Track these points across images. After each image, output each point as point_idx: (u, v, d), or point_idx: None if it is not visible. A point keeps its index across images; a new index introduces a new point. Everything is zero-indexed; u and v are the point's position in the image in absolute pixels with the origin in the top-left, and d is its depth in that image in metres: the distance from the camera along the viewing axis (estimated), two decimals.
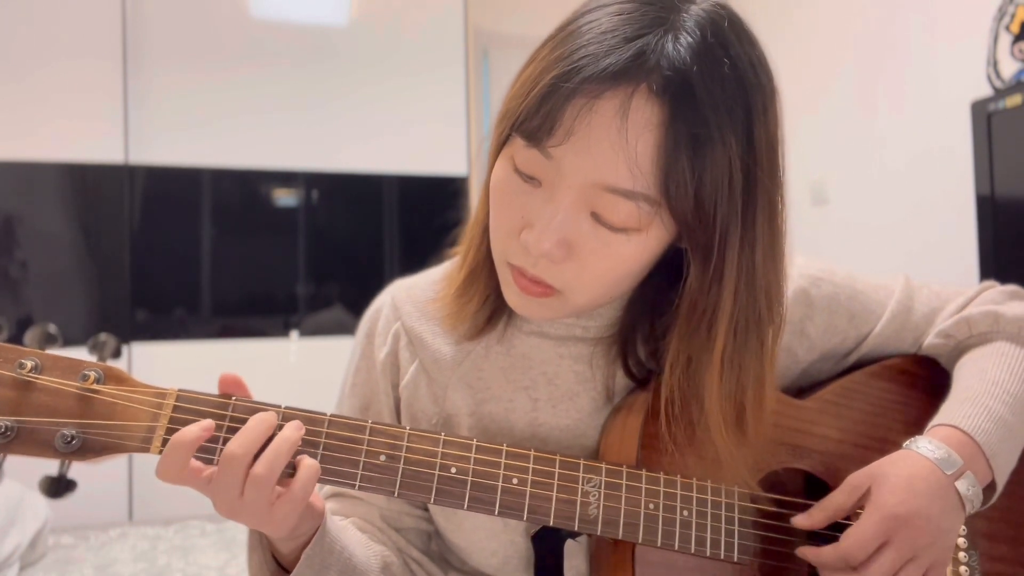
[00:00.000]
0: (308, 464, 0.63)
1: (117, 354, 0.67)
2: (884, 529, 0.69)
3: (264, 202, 3.13)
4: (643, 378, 0.80)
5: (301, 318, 3.13)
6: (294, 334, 3.11)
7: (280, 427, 0.64)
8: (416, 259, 3.17)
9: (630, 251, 0.67)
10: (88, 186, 2.92)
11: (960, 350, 0.88)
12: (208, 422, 0.63)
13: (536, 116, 0.63)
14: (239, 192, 3.09)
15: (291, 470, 0.64)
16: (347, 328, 3.10)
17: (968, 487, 0.72)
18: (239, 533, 2.59)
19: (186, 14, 3.02)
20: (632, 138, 0.61)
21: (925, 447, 0.73)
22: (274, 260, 3.14)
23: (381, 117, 3.20)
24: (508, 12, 3.86)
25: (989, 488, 0.76)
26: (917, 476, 0.71)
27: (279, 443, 0.62)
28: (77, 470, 0.65)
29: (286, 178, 3.13)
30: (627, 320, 0.80)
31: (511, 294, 0.73)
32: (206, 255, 3.05)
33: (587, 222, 0.66)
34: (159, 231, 3.00)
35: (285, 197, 3.16)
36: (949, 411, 0.78)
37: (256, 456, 0.62)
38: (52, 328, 0.64)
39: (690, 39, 0.62)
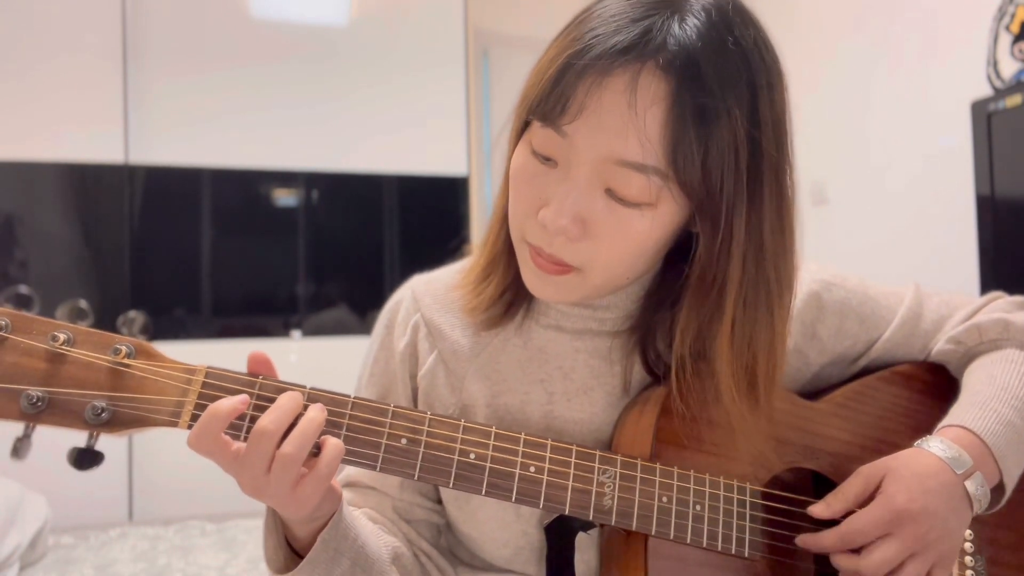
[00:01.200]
0: (333, 443, 0.64)
1: (146, 329, 0.69)
2: (889, 522, 0.70)
3: (264, 202, 3.13)
4: (661, 373, 0.80)
5: (301, 318, 3.13)
6: (295, 334, 3.11)
7: (306, 407, 0.65)
8: (416, 259, 3.17)
9: (644, 227, 0.69)
10: (88, 186, 2.91)
11: (970, 356, 0.89)
12: (244, 396, 0.64)
13: (550, 96, 0.66)
14: (239, 192, 3.09)
15: (315, 450, 0.65)
16: (348, 328, 3.10)
17: (977, 487, 0.73)
18: (239, 533, 2.58)
19: (186, 14, 3.02)
20: (641, 111, 0.64)
21: (936, 446, 0.75)
22: (274, 260, 3.14)
23: (381, 117, 3.20)
24: (508, 12, 3.87)
25: (997, 490, 0.77)
26: (928, 474, 0.72)
27: (306, 423, 0.63)
28: (74, 472, 0.65)
29: (286, 178, 3.13)
30: (645, 312, 0.81)
31: (528, 274, 0.74)
32: (206, 255, 3.05)
33: (601, 199, 0.68)
34: (159, 231, 2.99)
35: (285, 197, 3.16)
36: (959, 413, 0.79)
37: (284, 435, 0.63)
38: (83, 303, 0.66)
39: (696, 20, 0.66)
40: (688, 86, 0.63)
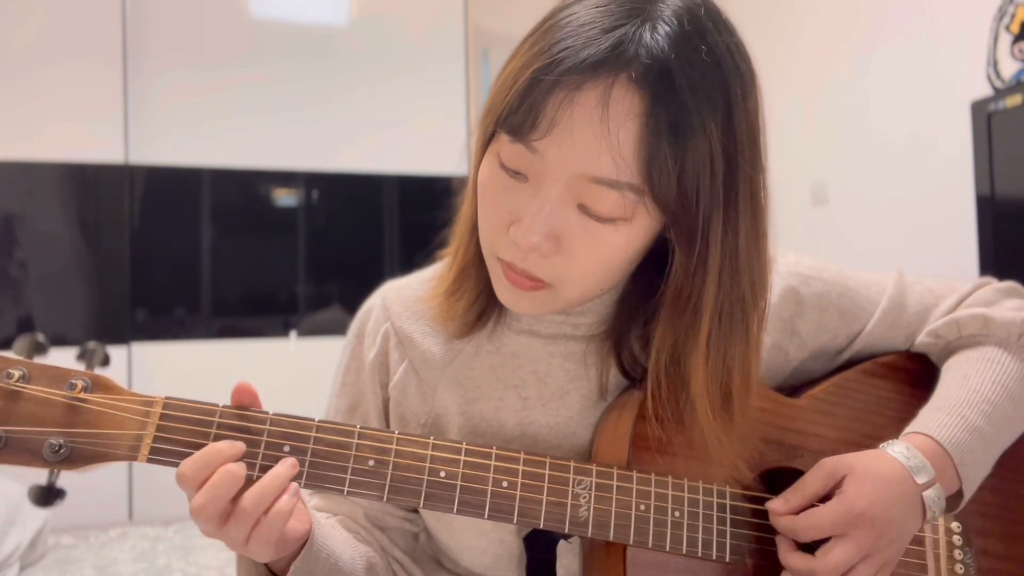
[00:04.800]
0: (282, 500, 0.63)
1: (106, 362, 0.68)
2: (846, 523, 0.70)
3: (264, 202, 3.14)
4: (637, 376, 0.80)
5: (300, 318, 3.13)
6: (293, 334, 3.11)
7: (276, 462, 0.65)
8: (416, 259, 3.17)
9: (618, 241, 0.67)
10: (88, 186, 2.92)
11: (949, 351, 0.88)
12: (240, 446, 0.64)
13: (519, 110, 0.64)
14: (239, 192, 3.09)
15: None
16: (346, 328, 3.09)
17: (934, 497, 0.73)
18: None
19: (186, 14, 3.02)
20: (614, 128, 0.62)
21: (900, 452, 0.74)
22: (274, 260, 3.14)
23: (381, 117, 3.20)
24: (508, 12, 3.86)
25: (955, 495, 0.77)
26: (890, 481, 0.72)
27: (270, 479, 0.62)
28: (74, 471, 0.65)
29: (286, 178, 3.14)
30: (619, 317, 0.80)
31: (502, 290, 0.73)
32: (206, 255, 3.05)
33: (574, 215, 0.66)
34: (159, 231, 3.00)
35: (285, 197, 3.16)
36: (927, 418, 0.79)
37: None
38: (41, 337, 0.64)
39: (667, 28, 0.63)
40: (662, 100, 0.62)
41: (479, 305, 0.80)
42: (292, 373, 3.04)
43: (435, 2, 3.28)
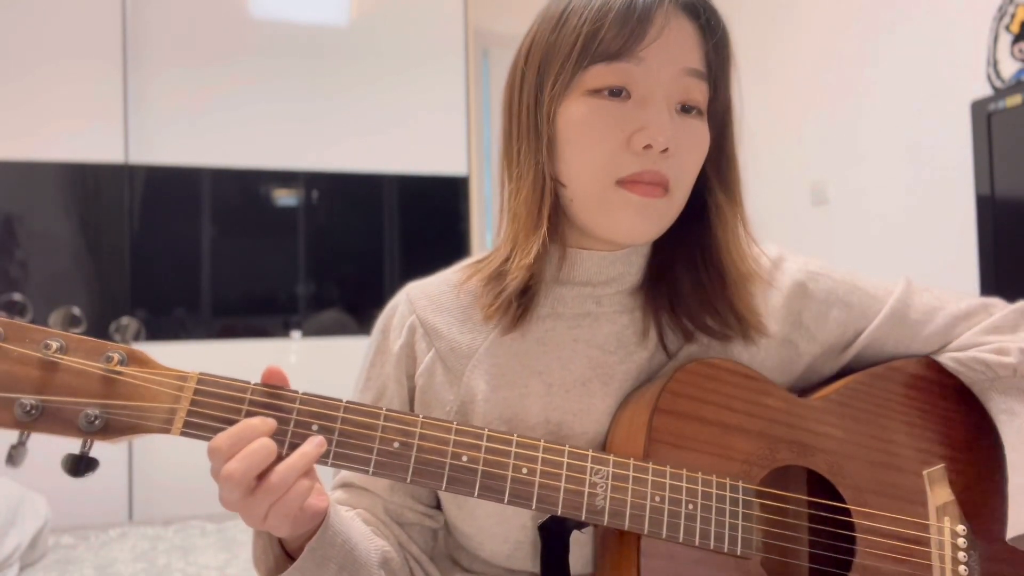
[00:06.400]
0: (300, 487, 0.64)
1: (139, 335, 0.70)
2: None
3: (264, 202, 3.14)
4: (674, 347, 0.85)
5: (301, 318, 3.13)
6: (294, 334, 3.11)
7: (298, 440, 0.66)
8: (416, 259, 3.18)
9: (702, 137, 0.80)
10: (88, 186, 2.92)
11: (999, 387, 0.87)
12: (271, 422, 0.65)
13: (625, 27, 0.74)
14: (239, 192, 3.09)
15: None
16: (347, 328, 3.10)
17: None
18: (239, 533, 2.58)
19: (186, 14, 3.02)
20: (701, 28, 0.78)
21: None
22: (274, 260, 3.14)
23: (381, 117, 3.20)
24: (508, 11, 3.86)
25: None
26: None
27: (297, 458, 0.64)
28: None
29: (286, 178, 3.14)
30: (646, 284, 0.86)
31: (627, 214, 0.78)
32: (206, 255, 3.05)
33: (677, 115, 0.78)
34: (159, 231, 3.00)
35: (285, 197, 3.16)
36: None
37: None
38: (76, 310, 0.66)
39: None
40: (713, 16, 0.79)
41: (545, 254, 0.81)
42: (292, 373, 3.03)
43: (435, 2, 3.28)
